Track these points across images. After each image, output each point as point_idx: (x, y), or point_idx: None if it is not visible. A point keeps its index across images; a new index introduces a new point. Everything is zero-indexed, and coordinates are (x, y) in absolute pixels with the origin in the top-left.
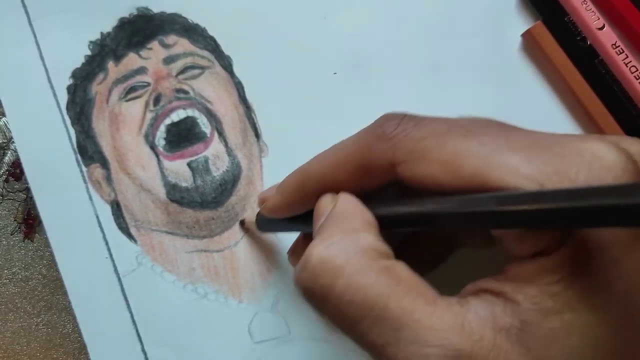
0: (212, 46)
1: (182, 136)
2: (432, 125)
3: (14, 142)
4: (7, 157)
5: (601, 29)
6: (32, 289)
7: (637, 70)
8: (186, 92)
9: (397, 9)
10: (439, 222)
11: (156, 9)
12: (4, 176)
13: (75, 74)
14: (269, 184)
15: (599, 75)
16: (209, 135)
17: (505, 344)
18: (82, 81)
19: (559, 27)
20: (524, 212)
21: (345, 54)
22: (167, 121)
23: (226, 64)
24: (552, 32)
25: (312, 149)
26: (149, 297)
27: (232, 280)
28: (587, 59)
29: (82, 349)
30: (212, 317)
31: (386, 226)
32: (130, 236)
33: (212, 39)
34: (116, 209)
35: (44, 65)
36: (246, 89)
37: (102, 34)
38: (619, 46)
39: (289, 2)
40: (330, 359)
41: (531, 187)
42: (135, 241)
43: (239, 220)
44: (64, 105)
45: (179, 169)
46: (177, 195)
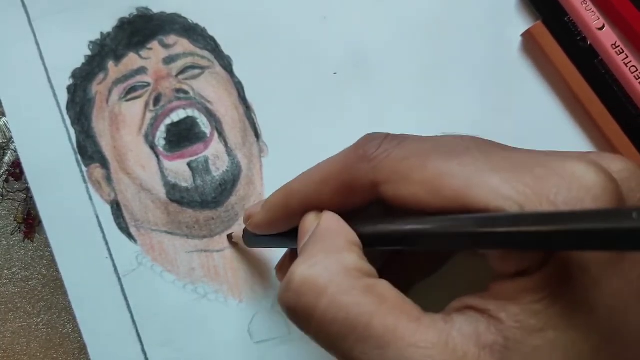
0: (212, 46)
1: (182, 136)
2: (414, 145)
3: (14, 142)
4: (7, 157)
5: (601, 29)
6: (32, 289)
7: (637, 70)
8: (186, 92)
9: (397, 9)
10: (420, 241)
11: (156, 9)
12: (4, 176)
13: (75, 74)
14: (269, 184)
15: (599, 75)
16: (208, 135)
17: None
18: (82, 81)
19: (558, 27)
20: (503, 235)
21: (345, 54)
22: (167, 121)
23: (226, 64)
24: (552, 32)
25: (312, 149)
26: (149, 297)
27: (232, 280)
28: (587, 59)
29: (82, 349)
30: (212, 317)
31: (369, 245)
32: (130, 236)
33: (212, 39)
34: (116, 209)
35: (44, 65)
36: (246, 89)
37: (102, 34)
38: (618, 46)
39: (289, 2)
40: (330, 359)
41: (511, 208)
42: (135, 241)
43: (227, 234)
44: (64, 105)
45: (179, 169)
46: (177, 195)
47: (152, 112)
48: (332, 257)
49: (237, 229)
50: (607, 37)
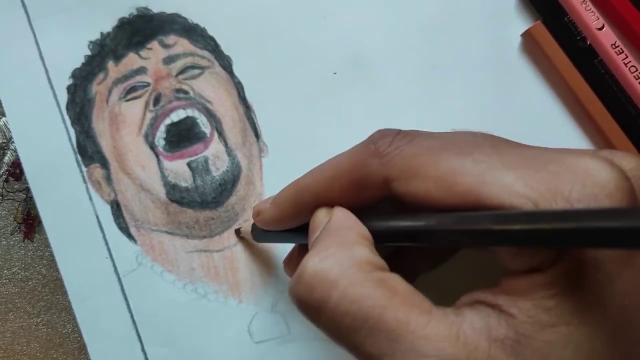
0: (212, 46)
1: (182, 136)
2: (426, 141)
3: (13, 142)
4: (7, 157)
5: (601, 29)
6: (32, 289)
7: (636, 70)
8: (186, 92)
9: (396, 9)
10: (434, 238)
11: (156, 9)
12: (4, 176)
13: (75, 74)
14: (269, 184)
15: (599, 75)
16: (208, 135)
17: (500, 354)
18: (82, 81)
19: (558, 27)
20: (520, 232)
21: (345, 54)
22: (167, 121)
23: (226, 64)
24: (552, 32)
25: (312, 149)
26: (149, 297)
27: (232, 280)
28: (587, 59)
29: (82, 349)
30: (212, 317)
31: (381, 240)
32: (130, 236)
33: (212, 39)
34: (116, 209)
35: (44, 65)
36: (246, 89)
37: (102, 34)
38: (618, 46)
39: (288, 2)
40: (330, 359)
41: (525, 205)
42: (135, 241)
43: (235, 229)
44: (63, 105)
45: (178, 169)
46: (177, 195)
47: (152, 112)
48: (344, 250)
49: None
50: (606, 37)
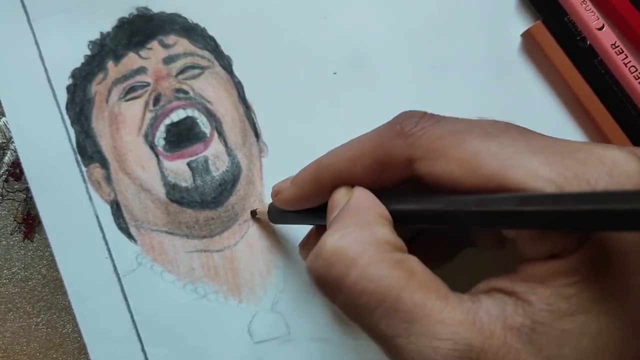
0: (212, 46)
1: (182, 136)
2: (451, 124)
3: (13, 142)
4: (7, 157)
5: (601, 29)
6: (32, 289)
7: (636, 70)
8: (186, 92)
9: (397, 9)
10: (456, 219)
11: (156, 9)
12: (4, 176)
13: (74, 74)
14: (269, 184)
15: (599, 75)
16: (208, 135)
17: (516, 342)
18: (81, 81)
19: (558, 27)
20: (546, 213)
21: (345, 54)
22: (167, 121)
23: (226, 64)
24: (552, 32)
25: (312, 149)
26: (149, 297)
27: (232, 280)
28: (587, 59)
29: (82, 349)
30: (212, 317)
31: (401, 222)
32: (130, 236)
33: (212, 39)
34: (116, 209)
35: (44, 65)
36: (246, 89)
37: (101, 33)
38: (618, 46)
39: (288, 2)
40: (330, 359)
41: (550, 189)
42: (135, 241)
43: (251, 210)
44: (63, 105)
45: (178, 169)
46: (176, 195)
47: (152, 112)
48: (363, 229)
49: (237, 229)
50: (606, 37)
